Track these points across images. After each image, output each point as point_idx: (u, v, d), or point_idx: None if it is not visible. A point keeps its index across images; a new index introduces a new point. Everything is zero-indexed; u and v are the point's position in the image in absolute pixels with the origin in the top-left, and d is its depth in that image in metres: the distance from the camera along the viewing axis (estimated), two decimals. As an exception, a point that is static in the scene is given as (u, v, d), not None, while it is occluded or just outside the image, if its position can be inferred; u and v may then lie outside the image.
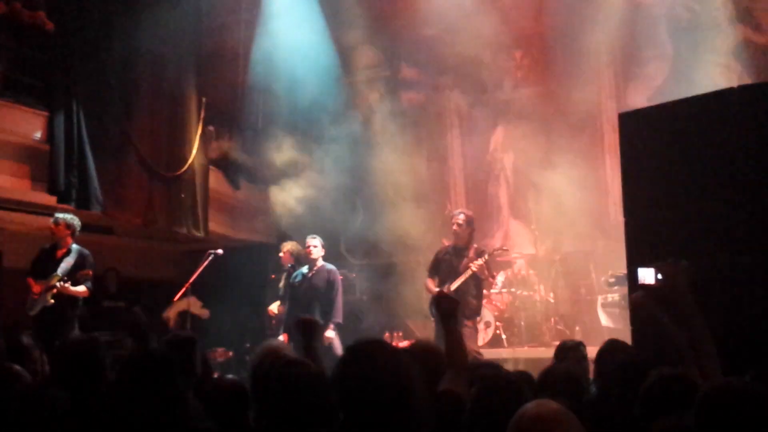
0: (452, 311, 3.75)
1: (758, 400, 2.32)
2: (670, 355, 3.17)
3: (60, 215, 7.87)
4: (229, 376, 3.69)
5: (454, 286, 8.00)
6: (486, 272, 8.27)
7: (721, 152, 4.63)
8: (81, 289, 7.73)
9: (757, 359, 3.85)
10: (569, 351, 4.86)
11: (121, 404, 2.85)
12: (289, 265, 9.08)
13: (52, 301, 7.55)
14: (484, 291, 9.06)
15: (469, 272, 8.01)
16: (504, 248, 9.00)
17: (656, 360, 3.50)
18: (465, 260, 8.11)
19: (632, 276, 3.19)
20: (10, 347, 5.02)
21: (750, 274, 4.36)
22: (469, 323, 8.05)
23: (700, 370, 3.00)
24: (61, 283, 7.53)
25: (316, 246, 8.57)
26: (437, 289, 8.01)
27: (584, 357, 4.80)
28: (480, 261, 8.01)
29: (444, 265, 8.27)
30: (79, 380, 3.39)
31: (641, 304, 3.12)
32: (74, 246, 7.86)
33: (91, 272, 7.75)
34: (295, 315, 8.54)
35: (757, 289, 4.32)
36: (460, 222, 8.21)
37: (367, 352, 2.26)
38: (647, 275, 3.14)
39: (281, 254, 9.29)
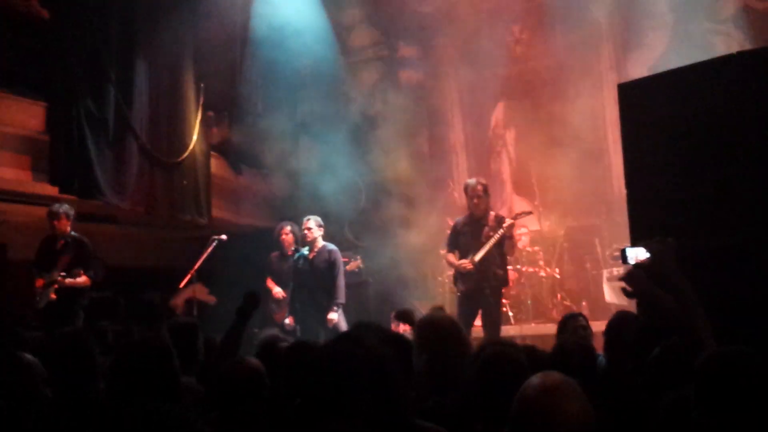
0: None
1: (755, 365, 2.31)
2: (672, 326, 3.16)
3: (59, 209, 7.81)
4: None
5: (478, 257, 7.68)
6: (513, 231, 7.96)
7: (721, 119, 4.58)
8: (81, 279, 7.72)
9: (756, 332, 3.84)
10: (567, 321, 4.87)
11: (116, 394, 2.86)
12: (293, 249, 9.03)
13: (54, 296, 7.57)
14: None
15: (494, 239, 7.65)
16: (528, 211, 8.62)
17: (662, 330, 3.49)
18: (486, 229, 7.78)
19: (622, 255, 3.20)
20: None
21: (754, 247, 4.32)
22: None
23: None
24: (60, 278, 7.54)
25: (311, 228, 8.50)
26: (463, 261, 7.74)
27: (582, 326, 4.80)
28: (508, 222, 7.69)
29: (464, 238, 7.93)
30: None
31: (635, 279, 3.12)
32: (73, 234, 7.84)
33: (82, 271, 7.68)
34: (299, 297, 8.56)
35: (762, 261, 4.28)
36: (480, 193, 7.87)
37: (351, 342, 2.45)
38: (636, 254, 3.15)
39: (283, 237, 9.17)
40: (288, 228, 9.17)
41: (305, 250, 8.56)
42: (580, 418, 2.11)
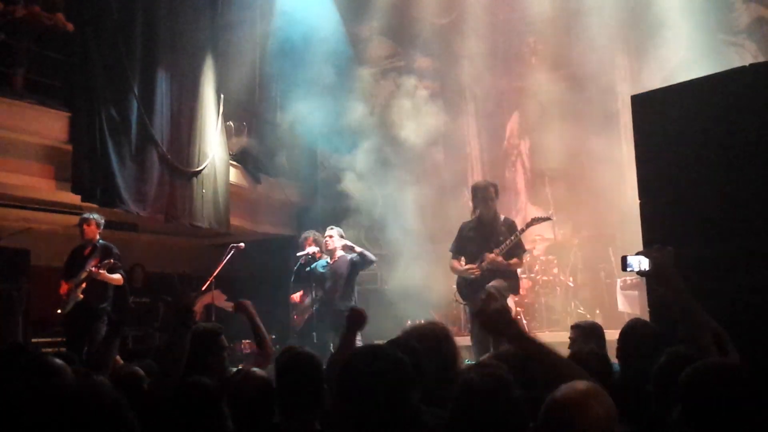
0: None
1: (741, 380, 2.38)
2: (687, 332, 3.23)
3: (90, 215, 8.07)
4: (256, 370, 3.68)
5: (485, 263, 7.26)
6: (521, 245, 7.45)
7: (734, 131, 4.65)
8: (116, 276, 7.92)
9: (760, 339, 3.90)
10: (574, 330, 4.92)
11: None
12: (307, 253, 9.00)
13: (82, 296, 7.74)
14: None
15: (506, 246, 7.23)
16: (545, 217, 8.05)
17: (674, 337, 3.56)
18: (495, 233, 7.35)
19: (623, 263, 3.25)
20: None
21: (764, 257, 4.37)
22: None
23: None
24: (93, 270, 7.70)
25: (332, 236, 8.60)
26: (470, 267, 7.34)
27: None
28: (519, 232, 7.29)
29: (471, 243, 7.50)
30: None
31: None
32: (100, 242, 8.07)
33: (112, 261, 7.88)
34: (318, 304, 8.61)
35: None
36: (493, 195, 7.44)
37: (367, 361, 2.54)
38: (638, 261, 3.20)
39: (308, 242, 9.14)
40: (312, 237, 9.23)
41: (325, 260, 8.63)
42: (607, 422, 2.19)
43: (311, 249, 8.97)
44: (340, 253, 8.60)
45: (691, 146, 4.85)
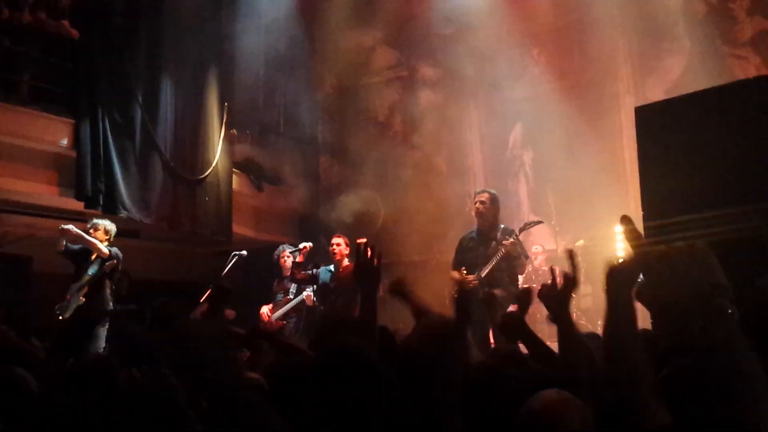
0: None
1: None
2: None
3: (99, 220, 8.03)
4: None
5: (484, 272, 7.15)
6: (518, 249, 7.30)
7: (738, 143, 4.66)
8: (101, 246, 7.79)
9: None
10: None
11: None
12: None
13: (84, 299, 7.73)
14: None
15: (500, 254, 7.12)
16: (538, 220, 8.03)
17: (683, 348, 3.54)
18: (494, 243, 7.23)
19: None
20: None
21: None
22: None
23: None
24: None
25: (339, 244, 8.55)
26: (468, 277, 7.19)
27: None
28: (511, 239, 7.15)
29: (470, 254, 7.39)
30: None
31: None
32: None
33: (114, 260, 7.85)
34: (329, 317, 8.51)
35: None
36: (484, 200, 7.41)
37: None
38: None
39: (282, 261, 9.05)
40: (288, 252, 9.17)
41: (331, 267, 8.57)
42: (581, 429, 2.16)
43: (288, 262, 8.99)
44: (346, 262, 8.52)
45: (695, 158, 4.84)
